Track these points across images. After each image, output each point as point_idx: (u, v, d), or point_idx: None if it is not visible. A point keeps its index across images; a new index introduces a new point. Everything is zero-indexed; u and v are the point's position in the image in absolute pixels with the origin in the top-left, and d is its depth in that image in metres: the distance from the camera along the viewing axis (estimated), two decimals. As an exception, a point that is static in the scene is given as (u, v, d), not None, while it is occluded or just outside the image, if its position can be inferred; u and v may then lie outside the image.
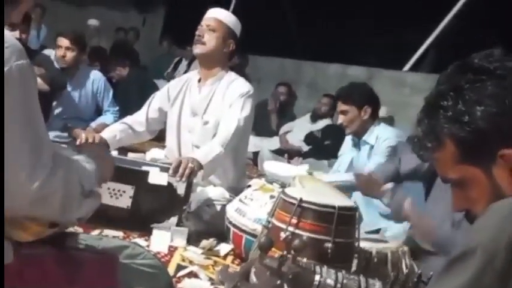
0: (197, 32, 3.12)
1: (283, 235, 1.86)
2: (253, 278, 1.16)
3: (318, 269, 1.16)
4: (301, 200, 1.89)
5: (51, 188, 1.10)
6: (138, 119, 3.28)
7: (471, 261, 0.93)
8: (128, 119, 3.30)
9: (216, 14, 3.18)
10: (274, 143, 6.04)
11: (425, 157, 1.16)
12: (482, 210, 1.06)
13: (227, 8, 9.03)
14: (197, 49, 3.12)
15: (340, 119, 3.62)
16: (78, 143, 2.90)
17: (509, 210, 0.93)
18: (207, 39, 3.10)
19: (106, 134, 3.13)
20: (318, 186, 2.28)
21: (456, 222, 2.19)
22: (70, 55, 4.28)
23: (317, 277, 1.15)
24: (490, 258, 0.90)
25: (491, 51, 1.08)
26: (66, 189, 1.14)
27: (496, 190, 1.03)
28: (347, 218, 1.95)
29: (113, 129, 3.22)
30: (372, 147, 3.56)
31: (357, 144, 3.69)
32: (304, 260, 1.19)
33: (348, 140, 3.86)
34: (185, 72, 7.68)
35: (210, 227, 2.83)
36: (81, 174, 1.21)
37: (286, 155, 5.62)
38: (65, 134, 4.32)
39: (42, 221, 1.18)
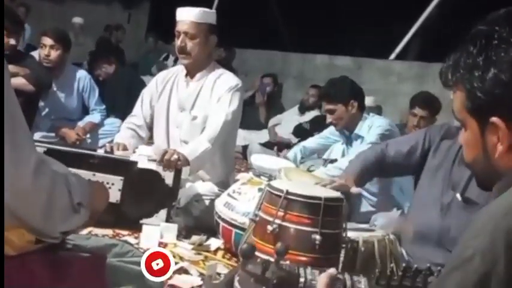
0: (178, 42, 3.07)
1: (270, 228, 1.87)
2: (237, 286, 1.16)
3: (302, 271, 1.16)
4: (287, 192, 1.90)
5: (36, 184, 1.08)
6: (137, 123, 3.26)
7: (471, 268, 0.90)
8: (131, 124, 3.27)
9: (190, 17, 3.07)
10: (263, 135, 6.06)
11: (446, 86, 1.13)
12: (467, 158, 1.09)
13: (212, 1, 8.94)
14: (184, 60, 3.12)
15: (329, 118, 3.60)
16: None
17: (502, 214, 0.91)
18: (190, 49, 3.07)
19: (122, 141, 3.09)
20: (303, 178, 2.29)
21: (445, 206, 2.21)
22: (54, 54, 4.23)
23: (302, 279, 1.15)
24: (492, 265, 0.88)
25: None
26: (52, 190, 1.12)
27: (484, 149, 1.04)
28: (334, 209, 1.96)
29: (125, 137, 3.18)
30: (364, 139, 3.49)
31: (348, 139, 3.63)
32: (288, 262, 1.18)
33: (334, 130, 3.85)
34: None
35: (199, 222, 2.84)
36: (71, 183, 1.21)
37: (275, 148, 5.63)
38: (52, 134, 4.31)
39: (25, 228, 1.17)
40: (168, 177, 2.70)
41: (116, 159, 2.66)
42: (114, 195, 2.60)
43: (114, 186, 2.62)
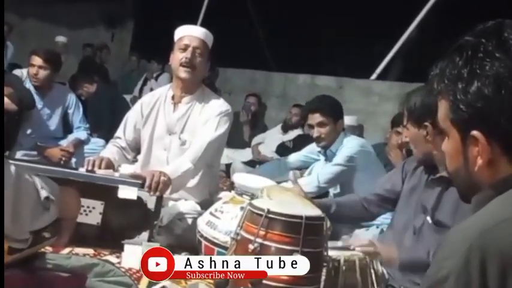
0: (187, 55, 3.02)
1: (251, 247, 1.88)
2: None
3: None
4: (268, 211, 1.91)
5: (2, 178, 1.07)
6: (122, 144, 3.25)
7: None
8: (116, 143, 3.26)
9: (199, 34, 3.10)
10: (247, 154, 6.07)
11: (432, 94, 1.12)
12: (449, 167, 1.10)
13: (196, 20, 9.02)
14: (185, 74, 3.03)
15: (318, 132, 3.53)
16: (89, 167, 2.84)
17: (477, 234, 0.91)
18: (198, 64, 3.05)
19: (107, 155, 3.09)
20: (285, 196, 2.31)
21: (417, 229, 2.26)
22: (43, 73, 4.25)
23: None
24: (466, 285, 0.89)
25: None
26: (17, 185, 1.11)
27: (465, 160, 1.04)
28: (315, 228, 1.98)
29: (111, 152, 3.19)
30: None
31: (325, 155, 3.67)
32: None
33: (315, 148, 3.88)
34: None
35: (182, 240, 2.83)
36: (36, 179, 1.19)
37: (257, 166, 5.64)
38: (34, 153, 4.29)
39: None
40: (150, 202, 2.66)
41: (97, 184, 2.59)
42: (95, 218, 2.59)
43: (95, 209, 2.61)
